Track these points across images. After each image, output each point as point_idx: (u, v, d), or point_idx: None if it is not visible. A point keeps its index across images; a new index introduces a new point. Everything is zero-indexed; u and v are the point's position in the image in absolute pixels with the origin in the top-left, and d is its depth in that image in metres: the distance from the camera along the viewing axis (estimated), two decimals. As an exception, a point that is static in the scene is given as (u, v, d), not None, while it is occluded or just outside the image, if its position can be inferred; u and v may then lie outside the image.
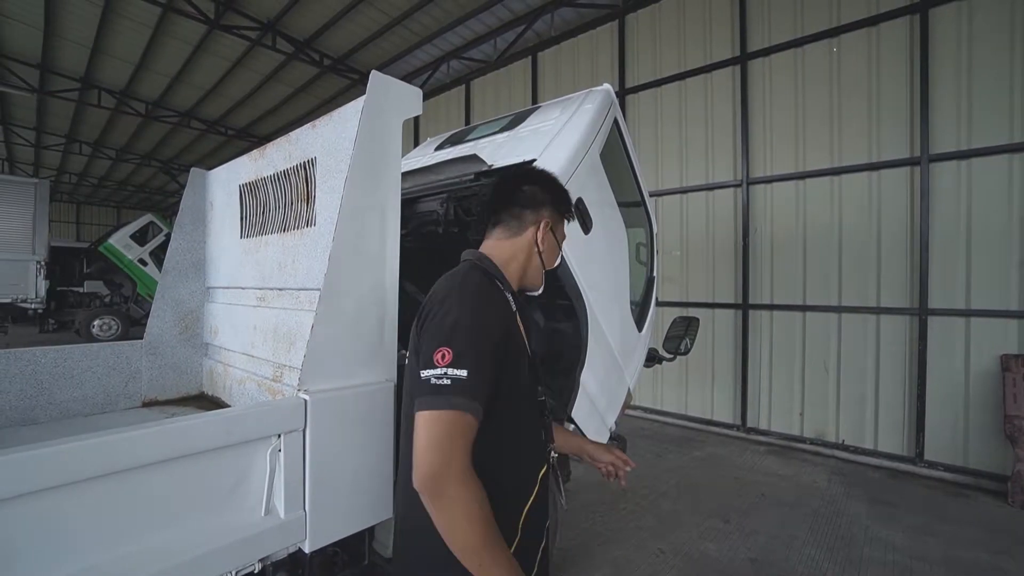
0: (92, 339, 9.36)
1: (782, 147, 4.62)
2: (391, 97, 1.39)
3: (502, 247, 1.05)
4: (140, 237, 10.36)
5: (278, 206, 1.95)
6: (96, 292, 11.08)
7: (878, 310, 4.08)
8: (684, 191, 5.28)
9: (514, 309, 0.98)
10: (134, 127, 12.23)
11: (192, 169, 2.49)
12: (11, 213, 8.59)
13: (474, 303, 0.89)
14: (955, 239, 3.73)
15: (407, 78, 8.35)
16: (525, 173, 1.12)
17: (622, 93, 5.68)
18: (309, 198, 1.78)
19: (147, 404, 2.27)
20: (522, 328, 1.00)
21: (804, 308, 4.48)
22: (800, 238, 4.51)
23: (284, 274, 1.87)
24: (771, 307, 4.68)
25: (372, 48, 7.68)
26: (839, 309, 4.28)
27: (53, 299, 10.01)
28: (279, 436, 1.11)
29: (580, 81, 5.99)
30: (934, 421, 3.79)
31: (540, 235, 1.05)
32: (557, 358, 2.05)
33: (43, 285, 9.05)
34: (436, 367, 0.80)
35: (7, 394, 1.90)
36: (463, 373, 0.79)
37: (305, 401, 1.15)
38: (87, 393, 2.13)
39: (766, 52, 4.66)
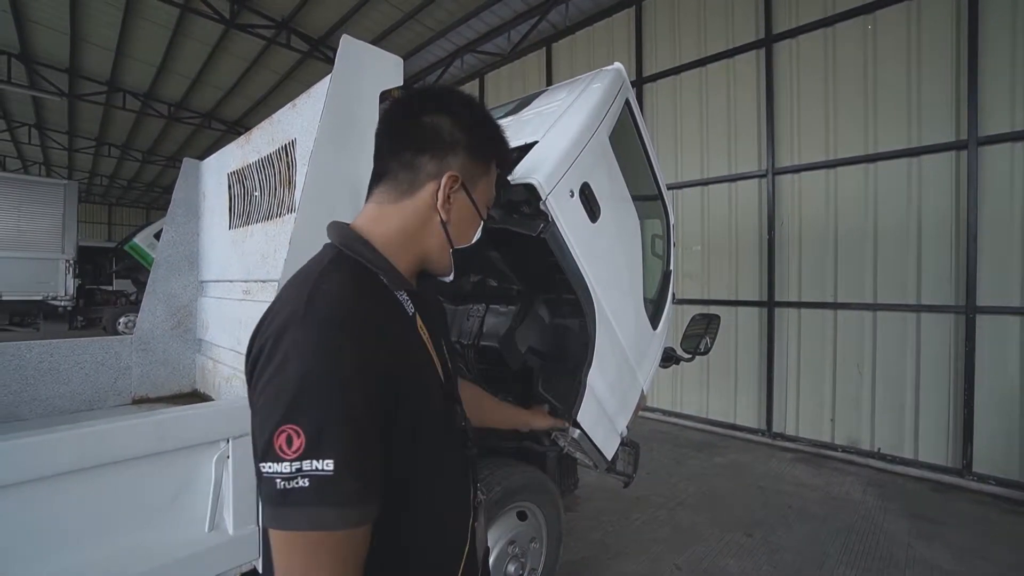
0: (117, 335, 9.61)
1: (811, 134, 4.31)
2: (365, 65, 1.25)
3: (387, 216, 0.69)
4: (164, 236, 10.62)
5: (262, 193, 1.84)
6: (123, 290, 11.41)
7: (918, 308, 3.76)
8: (705, 183, 5.02)
9: (411, 313, 0.66)
10: (159, 129, 12.56)
11: (184, 159, 2.42)
12: (41, 213, 8.88)
13: (332, 335, 0.54)
14: (1009, 229, 3.38)
15: (421, 74, 8.29)
16: (430, 95, 0.72)
17: (639, 82, 5.44)
18: (290, 183, 1.66)
19: (137, 401, 2.20)
20: (426, 336, 0.68)
21: (835, 306, 4.18)
22: (831, 231, 4.21)
23: (267, 265, 1.75)
24: (799, 305, 4.39)
25: (385, 44, 7.61)
26: (874, 307, 3.97)
27: (82, 297, 10.32)
28: (227, 441, 0.98)
29: (595, 71, 5.78)
30: (984, 430, 3.46)
31: (442, 196, 0.68)
32: (562, 357, 1.88)
33: (72, 283, 9.33)
34: (281, 458, 0.50)
35: (-10, 389, 1.85)
36: (328, 465, 0.49)
37: (260, 402, 1.02)
38: (74, 389, 2.06)
39: (793, 33, 4.36)
